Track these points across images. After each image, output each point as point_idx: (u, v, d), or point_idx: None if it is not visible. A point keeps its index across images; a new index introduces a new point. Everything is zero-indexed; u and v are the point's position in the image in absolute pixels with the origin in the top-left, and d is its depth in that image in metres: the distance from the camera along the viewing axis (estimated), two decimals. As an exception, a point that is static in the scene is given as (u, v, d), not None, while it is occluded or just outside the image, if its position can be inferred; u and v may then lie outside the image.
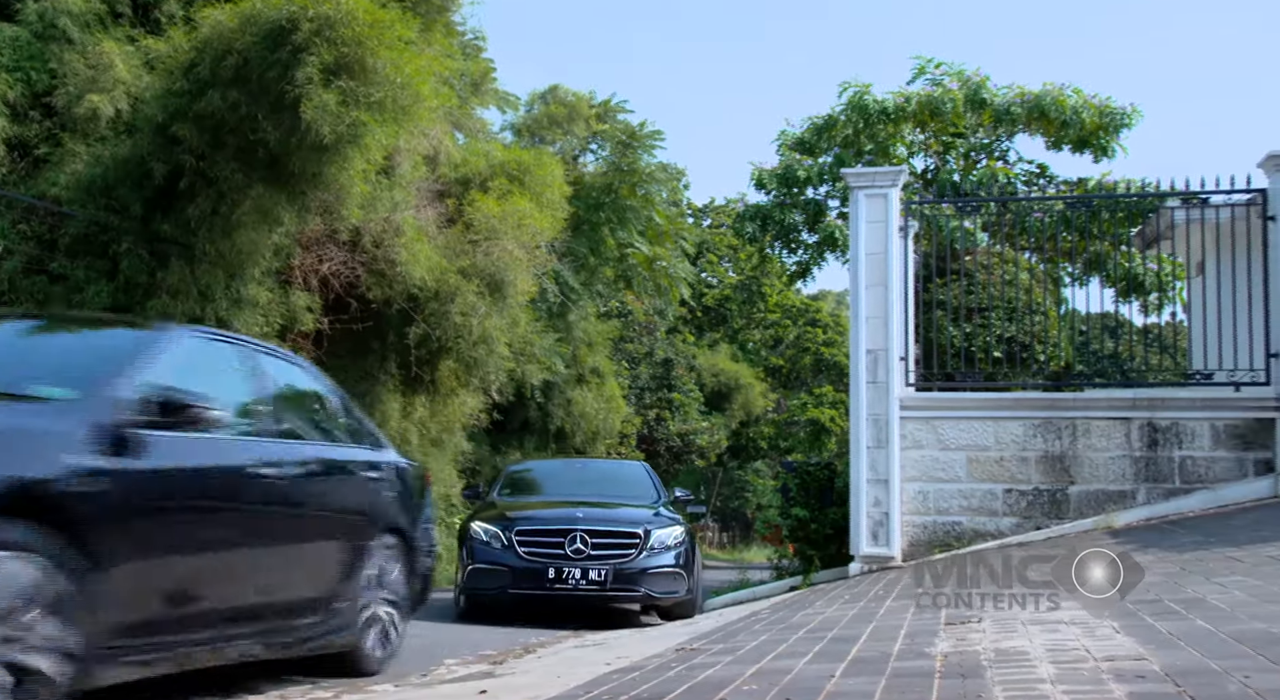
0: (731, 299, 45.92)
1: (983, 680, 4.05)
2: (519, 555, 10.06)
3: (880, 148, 20.17)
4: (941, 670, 4.33)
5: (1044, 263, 18.69)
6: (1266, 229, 11.00)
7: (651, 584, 10.05)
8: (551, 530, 10.24)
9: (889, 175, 11.97)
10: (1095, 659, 4.25)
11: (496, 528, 10.35)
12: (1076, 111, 19.16)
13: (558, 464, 16.94)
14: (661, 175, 30.78)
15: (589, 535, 10.08)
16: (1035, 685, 3.88)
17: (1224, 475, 10.69)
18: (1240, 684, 3.61)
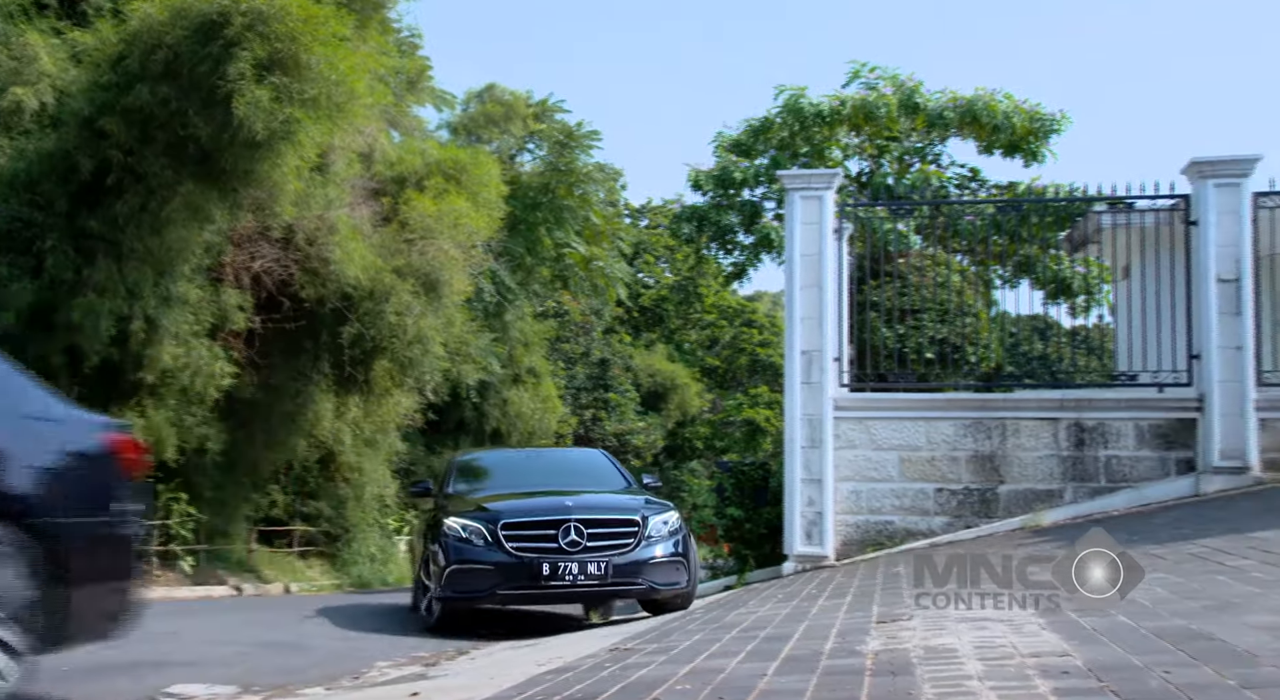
0: (668, 299, 46.04)
1: (912, 677, 4.10)
2: (507, 551, 8.79)
3: (816, 150, 20.33)
4: (872, 668, 4.38)
5: (975, 265, 18.98)
6: (1189, 234, 11.25)
7: (653, 575, 8.98)
8: (542, 522, 8.96)
9: (824, 178, 12.07)
10: (1022, 655, 4.32)
11: (477, 522, 9.01)
12: (1007, 117, 19.46)
13: (512, 453, 15.41)
14: (599, 175, 30.81)
15: (583, 525, 8.88)
16: (963, 682, 3.94)
17: (1147, 474, 10.91)
18: (1161, 679, 3.69)
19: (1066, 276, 18.32)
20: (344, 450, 21.14)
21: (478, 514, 9.26)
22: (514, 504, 9.56)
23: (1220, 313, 10.87)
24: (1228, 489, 10.44)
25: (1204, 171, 11.05)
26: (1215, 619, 4.76)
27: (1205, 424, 10.78)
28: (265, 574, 19.66)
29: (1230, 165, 11.02)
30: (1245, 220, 10.94)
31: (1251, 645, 4.13)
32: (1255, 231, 11.04)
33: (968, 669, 4.17)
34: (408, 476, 27.30)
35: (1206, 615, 4.88)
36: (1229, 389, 10.75)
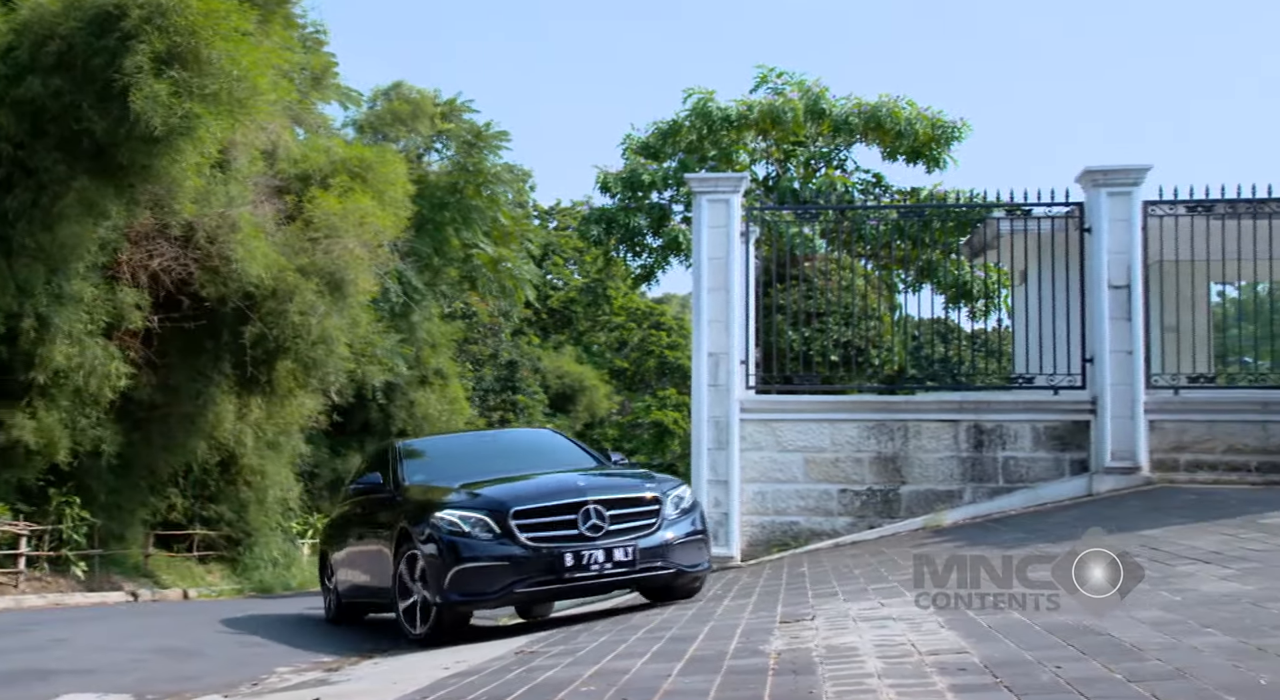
0: (577, 301, 46.03)
1: (814, 676, 4.15)
2: (522, 543, 7.49)
3: (723, 154, 20.51)
4: (775, 667, 4.42)
5: (879, 269, 19.29)
6: (1084, 240, 11.56)
7: (678, 556, 7.93)
8: (558, 506, 7.74)
9: (731, 181, 12.16)
10: (920, 653, 4.40)
11: (478, 512, 7.66)
12: (911, 123, 19.85)
13: (458, 438, 13.56)
14: (507, 176, 30.70)
15: (603, 507, 7.73)
16: (863, 680, 4.00)
17: (1043, 475, 11.19)
18: (1052, 673, 3.79)
19: (967, 281, 18.74)
20: (246, 452, 20.75)
21: (475, 502, 7.85)
22: (515, 488, 8.20)
23: (1112, 318, 11.19)
24: (1119, 488, 10.76)
25: (1097, 180, 11.37)
26: (1105, 614, 4.89)
27: (1098, 426, 11.08)
28: (163, 579, 19.22)
29: (1122, 174, 11.34)
30: (1136, 228, 11.28)
31: (1138, 639, 4.26)
32: (1145, 239, 11.38)
33: (868, 667, 4.24)
34: (312, 479, 26.91)
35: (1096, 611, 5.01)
36: (1120, 392, 11.07)
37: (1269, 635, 4.19)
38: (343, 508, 10.46)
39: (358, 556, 9.46)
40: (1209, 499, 9.65)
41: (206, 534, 21.89)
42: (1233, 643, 4.10)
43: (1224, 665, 3.73)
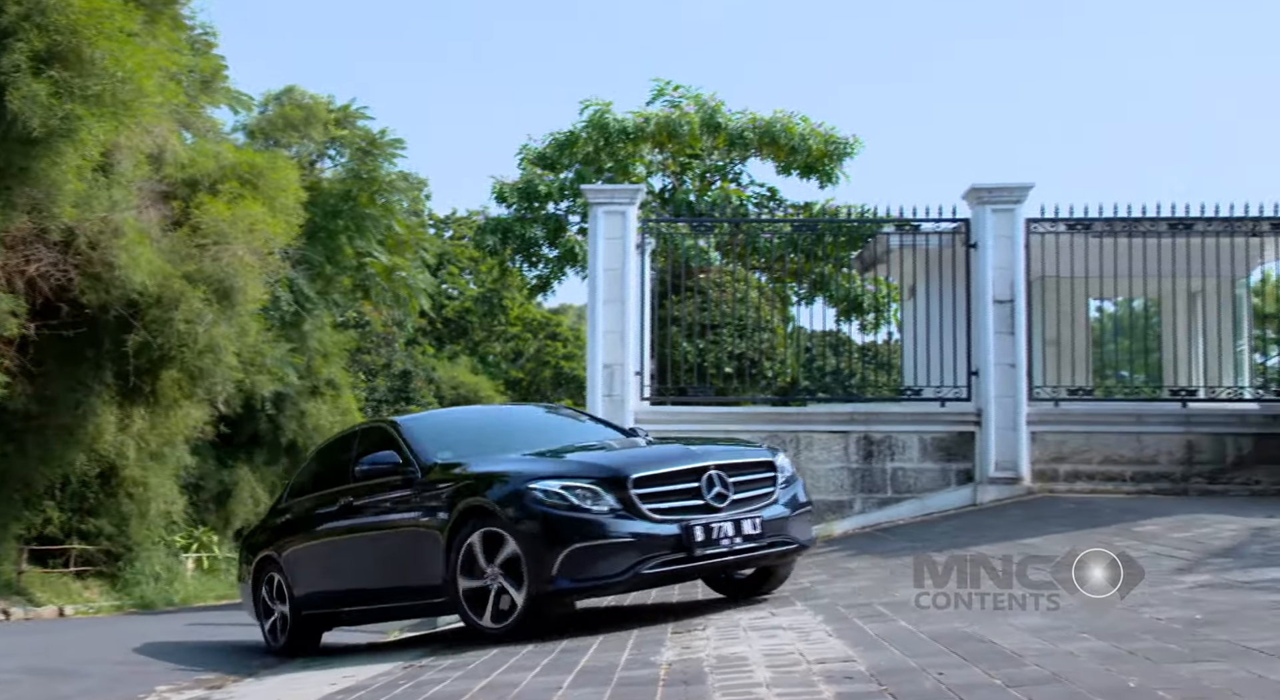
0: (472, 311, 45.73)
1: (704, 686, 4.18)
2: (647, 516, 6.33)
3: (620, 166, 20.59)
4: (665, 678, 4.44)
5: (773, 282, 19.55)
6: (969, 256, 11.87)
7: (796, 530, 6.93)
8: (680, 473, 6.59)
9: (627, 193, 12.22)
10: (808, 662, 4.46)
11: (587, 482, 6.42)
12: (804, 138, 20.17)
13: (459, 411, 11.90)
14: (402, 184, 30.39)
15: (725, 473, 6.64)
16: (752, 689, 4.04)
17: (930, 485, 11.44)
18: (936, 680, 3.88)
19: (858, 295, 19.07)
20: (127, 464, 20.16)
21: (579, 470, 6.63)
22: (623, 454, 7.06)
23: (996, 332, 11.50)
24: (1002, 498, 11.05)
25: (982, 197, 11.68)
26: (987, 621, 5.01)
27: (982, 437, 11.37)
28: (37, 596, 18.54)
29: (1006, 192, 11.68)
30: (1019, 244, 11.61)
31: (1017, 646, 4.38)
32: (1028, 255, 11.73)
33: (757, 676, 4.28)
34: (198, 491, 26.23)
35: (979, 618, 5.14)
36: (1004, 404, 11.37)
37: (1139, 640, 4.34)
38: (300, 503, 8.62)
39: (351, 553, 7.79)
40: (1086, 508, 9.96)
41: (85, 549, 21.20)
42: (1106, 647, 4.24)
43: (1097, 669, 3.86)
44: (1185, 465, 11.35)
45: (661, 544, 6.31)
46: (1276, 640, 4.14)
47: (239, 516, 27.78)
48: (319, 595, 8.17)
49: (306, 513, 8.42)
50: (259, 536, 9.20)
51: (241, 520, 27.86)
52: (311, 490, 8.52)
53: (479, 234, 23.06)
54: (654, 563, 6.30)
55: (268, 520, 9.24)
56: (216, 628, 12.72)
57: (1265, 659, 3.83)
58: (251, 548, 9.23)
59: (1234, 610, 4.85)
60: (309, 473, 8.95)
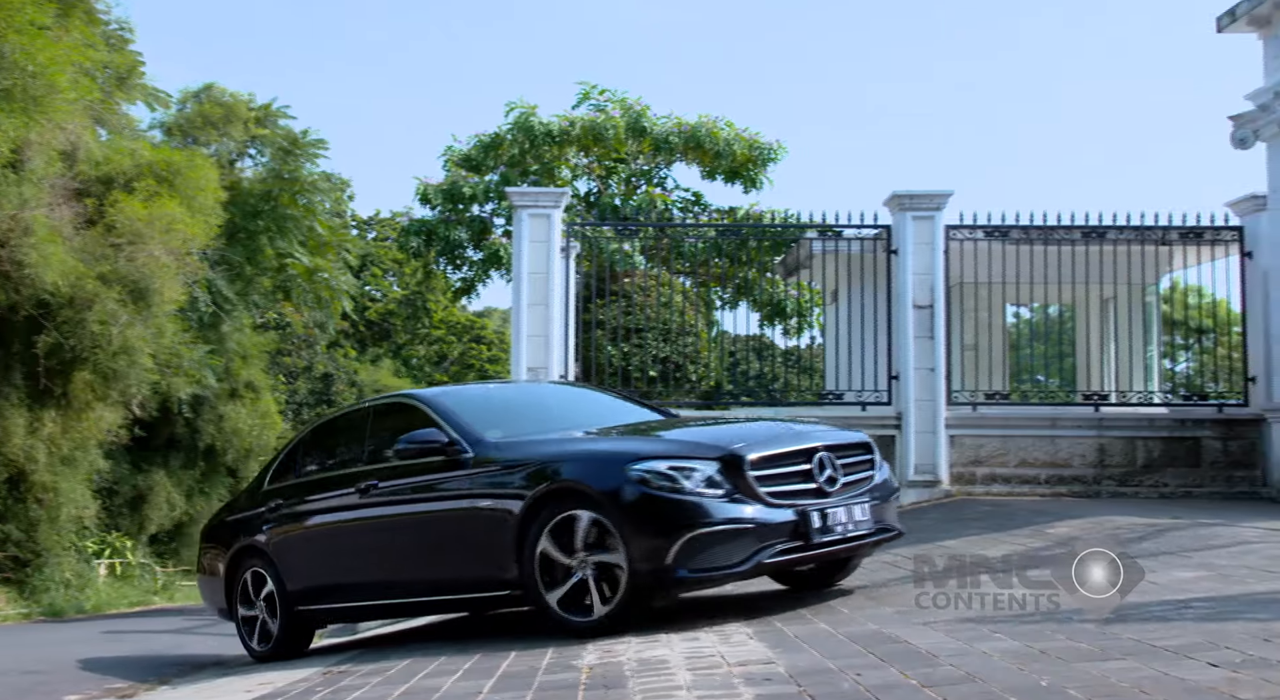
0: (396, 314, 45.31)
1: (625, 690, 4.18)
2: (764, 500, 5.80)
3: (545, 169, 20.56)
4: (586, 682, 4.44)
5: (697, 286, 19.64)
6: (890, 261, 12.04)
7: (892, 516, 6.55)
8: (793, 454, 6.08)
9: (552, 196, 12.20)
10: (729, 664, 4.48)
11: (698, 462, 5.84)
12: (729, 144, 20.30)
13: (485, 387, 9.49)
14: (325, 185, 30.01)
15: (833, 454, 6.17)
16: (673, 693, 4.05)
17: (851, 488, 11.55)
18: (853, 681, 3.92)
19: (781, 299, 19.23)
20: (37, 468, 19.61)
21: (686, 450, 6.01)
22: (727, 431, 6.56)
23: (916, 336, 11.67)
24: (920, 501, 11.20)
25: (903, 204, 11.85)
26: (904, 622, 5.08)
27: (902, 440, 11.53)
28: (-61, 605, 17.99)
29: (926, 199, 11.86)
30: (939, 250, 11.80)
31: (932, 646, 4.44)
32: (947, 261, 11.92)
33: (678, 679, 4.29)
34: (111, 496, 25.63)
35: (896, 619, 5.21)
36: (923, 408, 11.54)
37: (1051, 639, 4.43)
38: (294, 487, 7.74)
39: (376, 542, 6.98)
40: (1002, 510, 10.14)
41: (-10, 555, 20.60)
42: (1019, 647, 4.32)
43: (1010, 668, 3.93)
44: (1097, 468, 11.61)
45: (779, 531, 5.82)
46: (1182, 638, 4.24)
47: (154, 521, 27.21)
48: (323, 589, 7.32)
49: (307, 497, 7.58)
50: (232, 525, 8.16)
51: (157, 525, 27.27)
52: (307, 473, 7.78)
53: (403, 236, 22.88)
54: (773, 550, 5.78)
55: (244, 507, 8.19)
56: (132, 636, 12.44)
57: (1171, 656, 3.93)
58: (221, 538, 8.25)
59: (1142, 610, 4.96)
60: (301, 454, 8.03)
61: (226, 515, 8.50)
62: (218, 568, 8.13)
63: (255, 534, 7.76)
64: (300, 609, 7.41)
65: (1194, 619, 4.70)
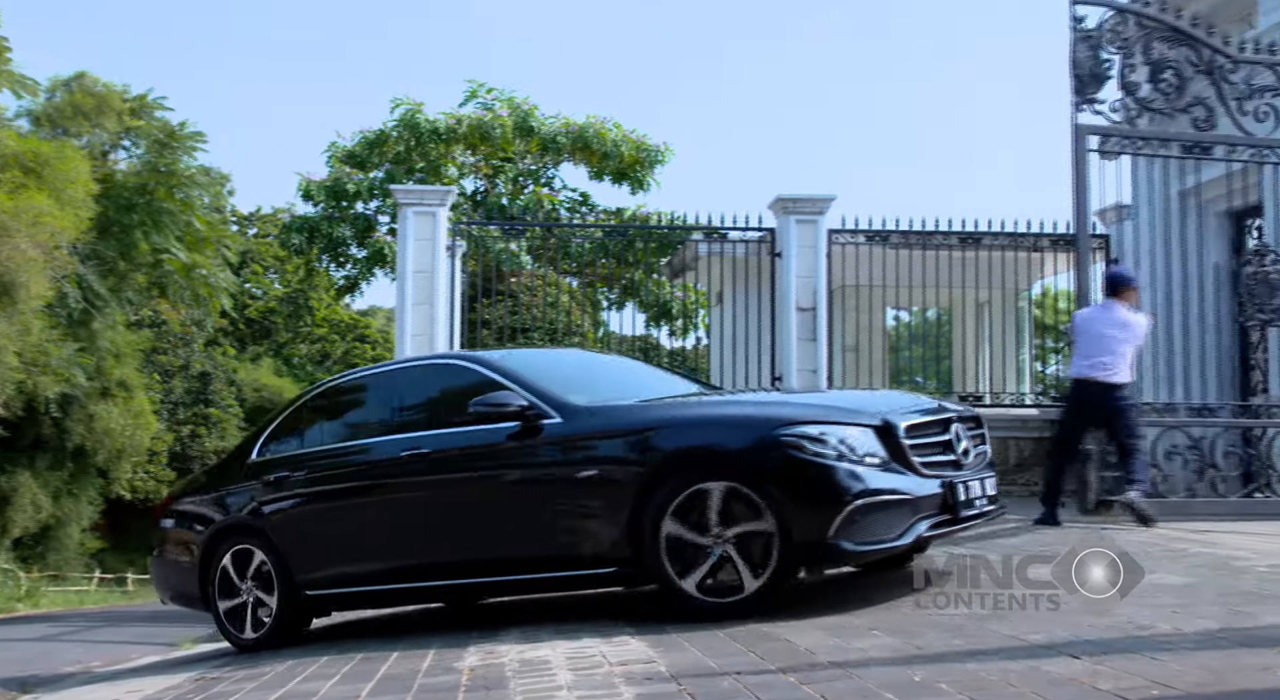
0: (277, 312, 44.37)
1: (506, 690, 4.17)
2: (918, 471, 5.49)
3: (432, 167, 20.37)
4: (467, 684, 4.41)
5: (584, 287, 19.65)
6: (774, 264, 12.20)
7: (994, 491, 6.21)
8: (935, 423, 5.76)
9: (438, 194, 12.10)
10: (610, 664, 4.49)
11: (851, 429, 5.43)
12: (616, 145, 20.36)
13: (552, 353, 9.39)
14: (203, 179, 29.24)
15: (964, 427, 5.94)
16: (554, 693, 4.04)
17: (735, 488, 11.68)
18: (733, 679, 3.97)
19: (668, 301, 19.35)
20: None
21: (839, 415, 5.57)
22: (881, 397, 6.43)
23: (799, 338, 11.86)
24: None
25: (787, 207, 12.03)
26: (783, 621, 5.14)
27: (785, 440, 11.67)
28: None
29: (809, 203, 12.06)
30: (821, 253, 12.01)
31: (812, 644, 4.52)
32: (829, 264, 12.13)
33: (559, 680, 4.29)
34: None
35: (777, 617, 5.26)
36: (805, 408, 11.71)
37: (925, 635, 4.54)
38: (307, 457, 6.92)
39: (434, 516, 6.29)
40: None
41: None
42: (895, 643, 4.42)
43: (885, 665, 4.02)
44: (972, 467, 11.91)
45: (931, 503, 5.50)
46: (1049, 633, 4.39)
47: (18, 525, 26.20)
48: (348, 571, 6.57)
49: (325, 468, 6.76)
50: (210, 502, 7.27)
51: (20, 528, 26.27)
52: (319, 441, 6.98)
53: (284, 232, 22.44)
54: (928, 523, 5.46)
55: (222, 482, 7.32)
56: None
57: (1039, 651, 4.06)
58: (193, 516, 7.30)
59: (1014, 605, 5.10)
60: (303, 422, 7.23)
61: (197, 492, 7.57)
62: (187, 550, 7.22)
63: (244, 511, 6.94)
64: (311, 594, 6.63)
65: (1070, 612, 4.85)
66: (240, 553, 6.83)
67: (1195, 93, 9.59)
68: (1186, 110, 9.60)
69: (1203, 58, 9.58)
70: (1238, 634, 4.32)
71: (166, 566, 7.54)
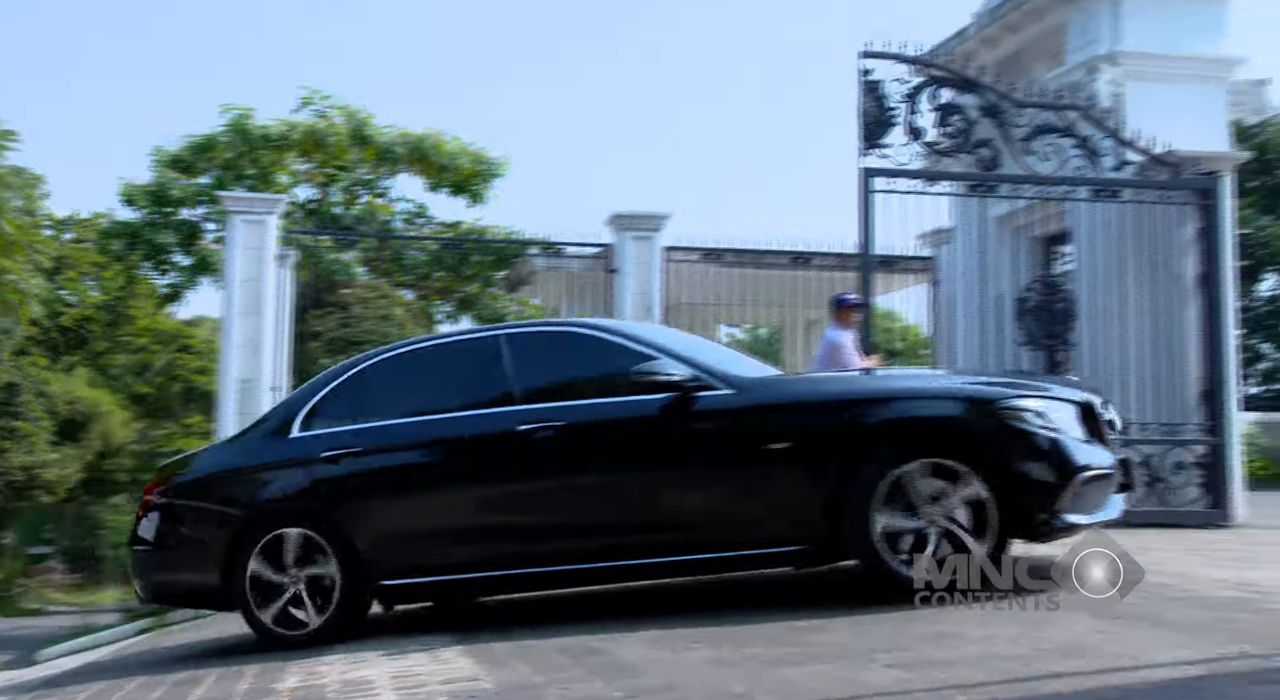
0: (94, 320, 42.37)
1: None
2: (1107, 446, 5.64)
3: (262, 174, 19.80)
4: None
5: (420, 299, 19.38)
6: (611, 280, 12.29)
7: None
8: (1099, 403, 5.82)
9: (268, 202, 11.83)
10: (436, 682, 4.43)
11: (1062, 405, 5.55)
12: (455, 157, 20.14)
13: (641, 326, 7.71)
14: (14, 180, 27.68)
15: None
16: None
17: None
18: (559, 694, 3.96)
19: (505, 314, 19.24)
20: None
21: (1053, 391, 5.66)
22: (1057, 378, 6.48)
23: (634, 354, 11.94)
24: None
25: (623, 225, 12.14)
26: (609, 635, 5.15)
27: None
28: None
29: (645, 220, 12.20)
30: (656, 271, 12.15)
31: (637, 658, 4.54)
32: (665, 281, 12.28)
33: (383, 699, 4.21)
34: None
35: (603, 631, 5.27)
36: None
37: (753, 646, 4.61)
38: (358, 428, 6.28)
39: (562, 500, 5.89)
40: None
41: None
42: (720, 655, 4.48)
43: (709, 676, 4.07)
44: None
45: (1118, 478, 5.67)
46: (872, 642, 4.50)
47: None
48: (439, 558, 5.98)
49: (413, 443, 6.15)
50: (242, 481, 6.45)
51: None
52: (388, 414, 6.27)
53: (103, 238, 21.47)
54: (1122, 498, 5.72)
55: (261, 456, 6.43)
56: None
57: (860, 660, 4.17)
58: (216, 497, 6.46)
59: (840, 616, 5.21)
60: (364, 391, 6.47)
61: (212, 471, 6.66)
62: (206, 536, 6.32)
63: (293, 492, 6.22)
64: (388, 584, 6.01)
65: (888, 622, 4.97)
66: (282, 539, 6.05)
67: (982, 135, 10.15)
68: (973, 151, 10.16)
69: (989, 102, 10.16)
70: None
71: (166, 555, 6.47)
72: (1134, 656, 3.89)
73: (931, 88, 10.02)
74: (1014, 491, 5.26)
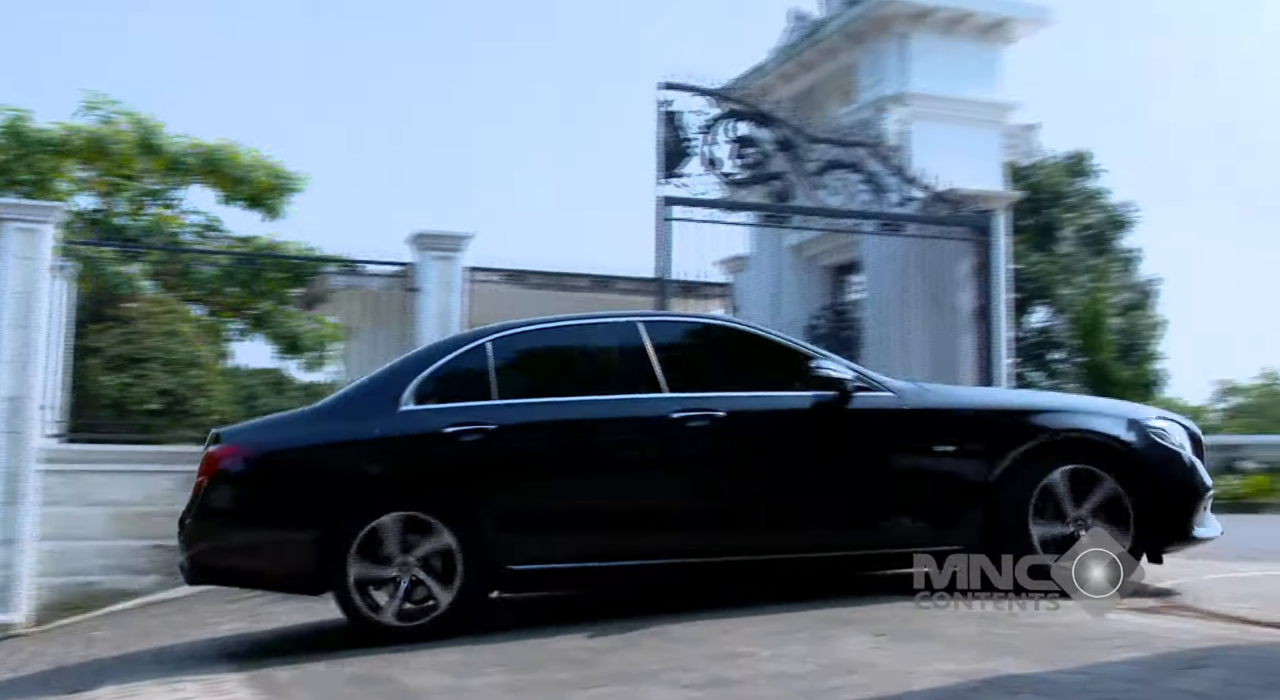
0: None
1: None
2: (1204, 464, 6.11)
3: (39, 180, 18.71)
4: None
5: (210, 315, 18.66)
6: (411, 300, 12.13)
7: None
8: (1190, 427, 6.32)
9: (44, 210, 11.23)
10: (212, 715, 4.27)
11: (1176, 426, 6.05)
12: (250, 170, 19.51)
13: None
14: None
15: None
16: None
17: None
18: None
19: (300, 332, 18.70)
20: None
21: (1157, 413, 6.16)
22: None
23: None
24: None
25: (425, 244, 12.01)
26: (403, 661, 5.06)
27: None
28: None
29: (447, 240, 12.10)
30: (458, 290, 12.05)
31: (426, 684, 4.48)
32: (468, 301, 12.20)
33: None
34: None
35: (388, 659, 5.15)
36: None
37: (544, 669, 4.61)
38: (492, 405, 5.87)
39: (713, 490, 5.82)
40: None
41: None
42: (512, 679, 4.46)
43: None
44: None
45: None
46: (657, 665, 4.54)
47: None
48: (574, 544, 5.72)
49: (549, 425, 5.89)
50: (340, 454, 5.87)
51: None
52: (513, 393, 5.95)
53: None
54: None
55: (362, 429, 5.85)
56: None
57: (647, 680, 4.22)
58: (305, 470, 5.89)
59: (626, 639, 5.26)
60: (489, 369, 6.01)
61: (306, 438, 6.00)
62: (294, 513, 5.73)
63: (407, 469, 5.79)
64: (517, 569, 5.68)
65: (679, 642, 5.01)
66: (395, 521, 5.59)
67: (777, 167, 10.56)
68: (768, 183, 10.56)
69: (783, 137, 10.58)
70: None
71: (234, 531, 5.84)
72: (908, 670, 4.06)
73: (729, 120, 10.33)
74: (1155, 504, 5.66)
